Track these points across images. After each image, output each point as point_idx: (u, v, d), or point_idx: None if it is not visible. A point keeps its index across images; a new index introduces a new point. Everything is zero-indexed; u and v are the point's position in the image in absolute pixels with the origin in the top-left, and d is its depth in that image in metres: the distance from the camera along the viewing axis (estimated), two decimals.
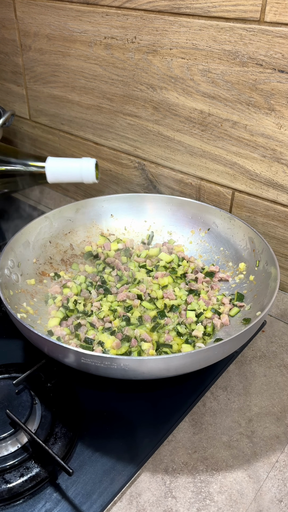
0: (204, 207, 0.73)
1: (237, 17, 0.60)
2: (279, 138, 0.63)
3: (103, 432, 0.54)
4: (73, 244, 0.75)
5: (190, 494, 0.49)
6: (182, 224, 0.76)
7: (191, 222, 0.75)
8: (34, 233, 0.71)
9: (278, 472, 0.51)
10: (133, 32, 0.71)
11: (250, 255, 0.67)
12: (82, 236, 0.77)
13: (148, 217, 0.78)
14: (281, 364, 0.64)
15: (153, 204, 0.77)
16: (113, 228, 0.78)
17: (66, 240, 0.75)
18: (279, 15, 0.57)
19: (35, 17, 0.84)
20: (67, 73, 0.85)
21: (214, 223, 0.73)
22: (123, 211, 0.78)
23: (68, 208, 0.75)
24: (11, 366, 0.61)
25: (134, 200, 0.78)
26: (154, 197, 0.77)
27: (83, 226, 0.77)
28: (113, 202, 0.78)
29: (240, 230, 0.69)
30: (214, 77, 0.66)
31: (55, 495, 0.48)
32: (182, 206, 0.75)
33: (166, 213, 0.77)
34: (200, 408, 0.58)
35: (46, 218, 0.72)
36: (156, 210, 0.77)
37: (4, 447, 0.51)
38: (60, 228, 0.74)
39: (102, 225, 0.78)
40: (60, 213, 0.74)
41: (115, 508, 0.48)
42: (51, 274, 0.71)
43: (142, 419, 0.56)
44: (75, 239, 0.76)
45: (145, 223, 0.78)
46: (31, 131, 1.01)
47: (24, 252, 0.68)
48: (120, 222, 0.78)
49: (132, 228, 0.78)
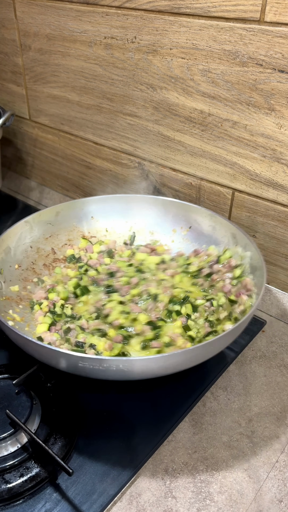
0: (185, 206, 0.73)
1: (237, 17, 0.60)
2: (279, 138, 0.63)
3: (103, 432, 0.54)
4: (54, 248, 0.74)
5: (190, 494, 0.49)
6: (164, 223, 0.75)
7: (173, 221, 0.75)
8: (15, 239, 0.70)
9: (278, 472, 0.51)
10: (133, 32, 0.71)
11: (234, 251, 0.67)
12: (63, 239, 0.76)
13: (129, 218, 0.77)
14: (281, 364, 0.64)
15: (134, 205, 0.77)
16: (94, 230, 0.77)
17: (47, 244, 0.74)
18: (279, 15, 0.57)
19: (35, 17, 0.84)
20: (67, 73, 0.85)
21: (195, 221, 0.73)
22: (103, 212, 0.77)
23: (47, 211, 0.74)
24: (11, 366, 0.61)
25: (115, 201, 0.77)
26: (134, 197, 0.77)
27: (64, 230, 0.76)
28: (93, 203, 0.77)
29: (222, 226, 0.69)
30: (214, 77, 0.66)
31: (55, 495, 0.48)
32: (163, 205, 0.75)
33: (147, 212, 0.76)
34: (200, 408, 0.58)
35: (26, 222, 0.71)
36: (137, 210, 0.77)
37: (4, 447, 0.51)
38: (40, 233, 0.74)
39: (83, 228, 0.77)
40: (40, 217, 0.73)
41: (115, 508, 0.48)
42: (35, 280, 0.70)
43: (142, 419, 0.56)
44: (57, 243, 0.75)
45: (126, 224, 0.77)
46: (31, 131, 1.01)
47: (6, 258, 0.68)
48: (101, 224, 0.78)
49: (113, 230, 0.77)
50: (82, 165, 0.94)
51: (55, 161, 1.00)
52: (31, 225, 0.72)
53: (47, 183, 1.06)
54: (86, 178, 0.95)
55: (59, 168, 1.00)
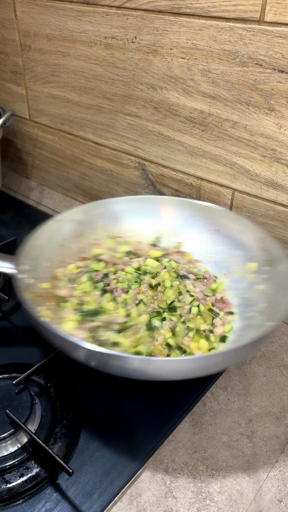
0: (212, 209, 0.73)
1: (237, 17, 0.60)
2: (279, 138, 0.63)
3: (103, 432, 0.54)
4: (81, 248, 0.74)
5: (190, 494, 0.49)
6: (190, 226, 0.75)
7: (199, 223, 0.74)
8: (46, 237, 0.70)
9: (278, 472, 0.51)
10: (133, 32, 0.71)
11: (260, 256, 0.66)
12: (90, 238, 0.75)
13: (155, 219, 0.77)
14: (281, 364, 0.64)
15: (161, 206, 0.76)
16: (121, 231, 0.77)
17: (76, 243, 0.74)
18: (279, 15, 0.57)
19: (35, 17, 0.84)
20: (67, 73, 0.85)
21: (222, 224, 0.72)
22: (131, 213, 0.77)
23: (77, 210, 0.75)
24: (11, 366, 0.61)
25: (142, 202, 0.77)
26: (162, 199, 0.77)
27: (92, 229, 0.76)
28: (121, 204, 0.77)
29: (249, 230, 0.68)
30: (214, 77, 0.66)
31: (55, 495, 0.48)
32: (190, 208, 0.74)
33: (174, 215, 0.76)
34: (200, 408, 0.58)
35: (56, 221, 0.72)
36: (163, 212, 0.76)
37: (4, 447, 0.51)
38: (70, 231, 0.74)
39: (110, 228, 0.77)
40: (70, 215, 0.74)
41: (115, 508, 0.48)
42: (64, 278, 0.70)
43: (142, 419, 0.56)
44: (85, 242, 0.75)
45: (152, 225, 0.77)
46: (31, 131, 1.01)
47: (38, 256, 0.68)
48: (128, 224, 0.77)
49: (139, 230, 0.77)
50: (82, 165, 0.94)
51: (55, 161, 1.00)
52: (61, 224, 0.72)
53: (47, 183, 1.06)
54: (86, 178, 0.95)
55: (59, 168, 1.00)
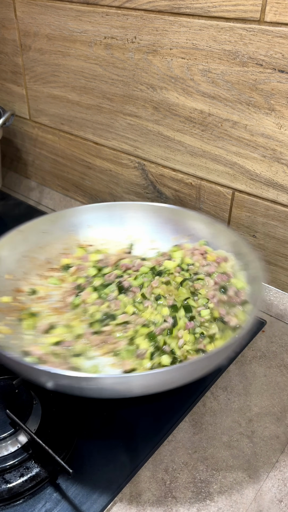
0: (184, 213, 0.71)
1: (237, 17, 0.60)
2: (279, 138, 0.63)
3: (103, 432, 0.54)
4: (49, 258, 0.72)
5: (190, 494, 0.49)
6: (163, 231, 0.73)
7: (172, 228, 0.73)
8: (7, 248, 0.67)
9: (278, 472, 0.51)
10: (133, 32, 0.71)
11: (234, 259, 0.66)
12: (59, 248, 0.73)
13: (127, 226, 0.75)
14: (281, 364, 0.64)
15: (132, 212, 0.75)
16: (91, 239, 0.75)
17: (42, 253, 0.71)
18: (279, 15, 0.57)
19: (35, 17, 0.84)
20: (67, 73, 0.85)
21: (194, 229, 0.71)
22: (101, 220, 0.75)
23: (43, 220, 0.72)
24: None
25: (112, 209, 0.75)
26: (132, 205, 0.75)
27: (60, 238, 0.73)
28: (90, 212, 0.75)
29: (222, 234, 0.67)
30: (214, 77, 0.66)
31: (55, 495, 0.48)
32: (161, 213, 0.73)
33: (146, 220, 0.74)
34: (200, 408, 0.58)
35: (19, 231, 0.69)
36: (135, 218, 0.75)
37: (4, 447, 0.51)
38: (35, 242, 0.71)
39: (79, 236, 0.75)
40: (35, 225, 0.71)
41: (115, 508, 0.48)
42: (27, 290, 0.67)
43: (142, 419, 0.56)
44: (52, 252, 0.72)
45: (124, 232, 0.75)
46: (31, 131, 1.01)
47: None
48: (99, 232, 0.75)
49: (111, 238, 0.75)
50: (82, 165, 0.94)
51: (55, 161, 1.00)
52: (26, 234, 0.70)
53: (47, 183, 1.06)
54: (86, 178, 0.95)
55: (59, 168, 1.00)
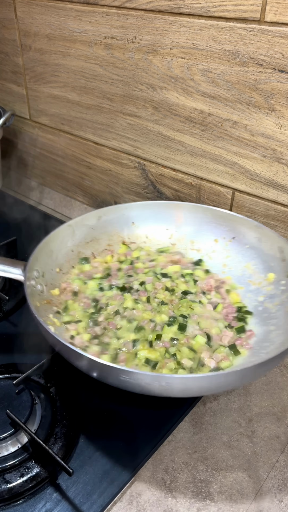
0: (229, 215, 0.71)
1: (237, 17, 0.60)
2: (279, 138, 0.63)
3: (103, 432, 0.54)
4: (94, 253, 0.74)
5: (190, 494, 0.49)
6: (205, 232, 0.73)
7: (215, 230, 0.72)
8: (57, 242, 0.69)
9: (278, 472, 0.51)
10: (133, 32, 0.71)
11: (279, 266, 0.64)
12: (103, 244, 0.75)
13: (170, 225, 0.76)
14: (281, 364, 0.64)
15: (176, 212, 0.75)
16: (134, 236, 0.76)
17: (88, 248, 0.73)
18: (279, 15, 0.57)
19: (35, 17, 0.84)
20: (67, 73, 0.85)
21: (239, 232, 0.70)
22: (144, 218, 0.76)
23: (90, 216, 0.74)
24: (11, 366, 0.61)
25: (156, 208, 0.76)
26: (177, 204, 0.75)
27: (105, 234, 0.75)
28: (134, 209, 0.76)
29: (269, 239, 0.66)
30: (214, 77, 0.66)
31: (55, 495, 0.48)
32: (205, 214, 0.73)
33: (189, 221, 0.74)
34: (200, 408, 0.58)
35: (68, 226, 0.71)
36: (178, 217, 0.75)
37: (4, 447, 0.51)
38: (82, 237, 0.73)
39: (123, 233, 0.76)
40: (82, 221, 0.73)
41: (115, 508, 0.48)
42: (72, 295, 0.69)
43: (142, 419, 0.56)
44: (97, 248, 0.74)
45: (166, 231, 0.76)
46: (31, 131, 1.01)
47: (48, 261, 0.67)
48: (142, 230, 0.76)
49: (153, 236, 0.76)
50: (82, 165, 0.94)
51: (55, 161, 1.00)
52: (74, 229, 0.71)
53: (47, 183, 1.06)
54: (86, 178, 0.95)
55: (59, 168, 1.00)
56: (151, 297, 0.65)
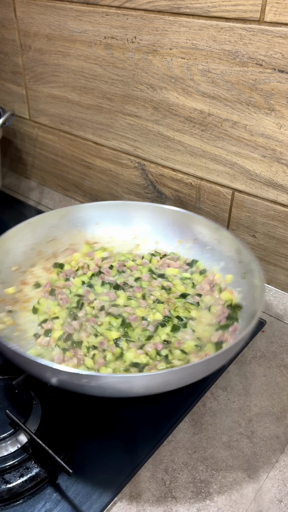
0: (191, 217, 0.72)
1: (237, 17, 0.60)
2: (279, 138, 0.63)
3: (103, 432, 0.54)
4: (56, 252, 0.73)
5: (190, 494, 0.49)
6: (169, 233, 0.74)
7: (178, 231, 0.73)
8: (15, 240, 0.68)
9: (278, 472, 0.51)
10: (133, 32, 0.71)
11: (236, 267, 0.65)
12: (66, 243, 0.74)
13: (134, 226, 0.76)
14: (281, 364, 0.64)
15: (139, 213, 0.75)
16: (98, 236, 0.76)
17: (49, 247, 0.73)
18: (279, 15, 0.57)
19: (35, 17, 0.84)
20: (67, 73, 0.85)
21: (200, 233, 0.71)
22: (108, 219, 0.76)
23: (52, 214, 0.73)
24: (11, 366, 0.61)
25: (120, 208, 0.76)
26: (141, 205, 0.76)
27: (67, 234, 0.74)
28: (98, 209, 0.75)
29: (227, 241, 0.67)
30: (214, 77, 0.66)
31: (55, 495, 0.48)
32: (168, 215, 0.73)
33: (153, 221, 0.75)
34: (200, 408, 0.58)
35: (28, 224, 0.70)
36: (142, 218, 0.75)
37: (4, 447, 0.51)
38: (43, 235, 0.72)
39: (87, 233, 0.76)
40: (44, 219, 0.72)
41: (115, 508, 0.48)
42: (32, 283, 0.68)
43: (142, 419, 0.56)
44: (59, 247, 0.73)
45: (131, 232, 0.76)
46: (31, 131, 1.01)
47: (4, 259, 0.66)
48: (106, 230, 0.76)
49: (117, 237, 0.76)
50: (82, 165, 0.94)
51: (55, 161, 1.00)
52: (34, 227, 0.71)
53: (47, 183, 1.06)
54: (86, 178, 0.95)
55: (59, 168, 1.00)
56: (146, 294, 0.65)
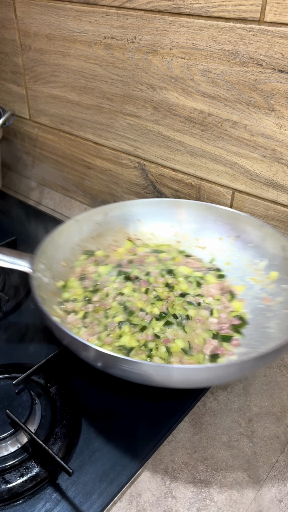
0: (233, 214, 0.71)
1: (237, 17, 0.60)
2: (279, 138, 0.63)
3: (103, 432, 0.54)
4: (100, 248, 0.74)
5: (190, 494, 0.49)
6: (210, 230, 0.74)
7: (220, 228, 0.73)
8: (64, 236, 0.70)
9: (278, 472, 0.51)
10: (133, 32, 0.71)
11: (282, 264, 0.65)
12: (109, 240, 0.76)
13: (175, 223, 0.76)
14: (281, 364, 0.64)
15: (181, 210, 0.76)
16: (140, 233, 0.77)
17: (93, 243, 0.74)
18: (279, 15, 0.57)
19: (35, 17, 0.84)
20: (67, 73, 0.85)
21: (244, 230, 0.71)
22: (150, 216, 0.77)
23: (97, 211, 0.75)
24: (11, 366, 0.61)
25: (162, 205, 0.77)
26: (182, 202, 0.76)
27: (111, 230, 0.76)
28: (141, 206, 0.77)
29: (272, 238, 0.66)
30: (214, 77, 0.66)
31: (55, 495, 0.48)
32: (210, 212, 0.73)
33: (193, 218, 0.75)
34: (200, 408, 0.58)
35: (76, 221, 0.72)
36: (184, 215, 0.76)
37: (4, 447, 0.51)
38: (88, 232, 0.74)
39: (129, 230, 0.77)
40: (90, 216, 0.74)
41: (115, 508, 0.48)
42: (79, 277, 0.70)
43: (142, 419, 0.56)
44: (103, 243, 0.75)
45: (172, 228, 0.76)
46: (31, 131, 1.01)
47: (55, 255, 0.68)
48: (147, 227, 0.77)
49: (159, 233, 0.77)
50: (82, 165, 0.94)
51: (55, 161, 1.00)
52: (81, 224, 0.73)
53: (47, 183, 1.06)
54: (86, 178, 0.95)
55: (59, 168, 1.00)
56: (149, 289, 0.66)
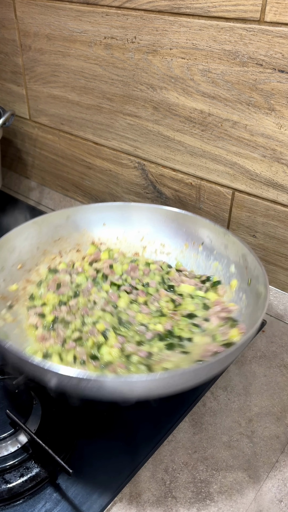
0: (199, 220, 0.71)
1: (237, 17, 0.60)
2: (279, 138, 0.63)
3: (103, 432, 0.54)
4: (61, 251, 0.73)
5: (190, 494, 0.49)
6: (176, 236, 0.73)
7: (185, 235, 0.73)
8: (21, 238, 0.68)
9: (278, 472, 0.51)
10: (133, 32, 0.71)
11: (242, 273, 0.65)
12: (72, 243, 0.74)
13: (141, 228, 0.75)
14: (281, 364, 0.64)
15: (147, 215, 0.75)
16: (104, 237, 0.76)
17: (54, 247, 0.73)
18: (279, 15, 0.57)
19: (35, 17, 0.84)
20: (67, 73, 0.85)
21: (208, 237, 0.70)
22: (115, 220, 0.75)
23: (58, 214, 0.73)
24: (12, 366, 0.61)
25: (128, 210, 0.75)
26: (148, 207, 0.75)
27: (74, 234, 0.74)
28: (105, 210, 0.75)
29: (234, 246, 0.66)
30: (214, 77, 0.66)
31: (55, 495, 0.48)
32: (176, 218, 0.73)
33: (160, 224, 0.74)
34: (200, 408, 0.58)
35: (34, 223, 0.70)
36: (149, 220, 0.75)
37: (4, 447, 0.51)
38: (49, 235, 0.72)
39: (93, 234, 0.75)
40: (50, 219, 0.72)
41: (115, 508, 0.48)
42: (36, 281, 0.69)
43: (142, 419, 0.56)
44: (65, 247, 0.73)
45: (138, 234, 0.75)
46: (31, 131, 1.01)
47: (9, 257, 0.66)
48: (112, 232, 0.76)
49: (124, 238, 0.76)
50: (82, 165, 0.94)
51: (55, 161, 1.00)
52: (40, 226, 0.71)
53: (47, 183, 1.06)
54: (86, 178, 0.95)
55: (59, 168, 1.00)
56: (149, 301, 0.65)
